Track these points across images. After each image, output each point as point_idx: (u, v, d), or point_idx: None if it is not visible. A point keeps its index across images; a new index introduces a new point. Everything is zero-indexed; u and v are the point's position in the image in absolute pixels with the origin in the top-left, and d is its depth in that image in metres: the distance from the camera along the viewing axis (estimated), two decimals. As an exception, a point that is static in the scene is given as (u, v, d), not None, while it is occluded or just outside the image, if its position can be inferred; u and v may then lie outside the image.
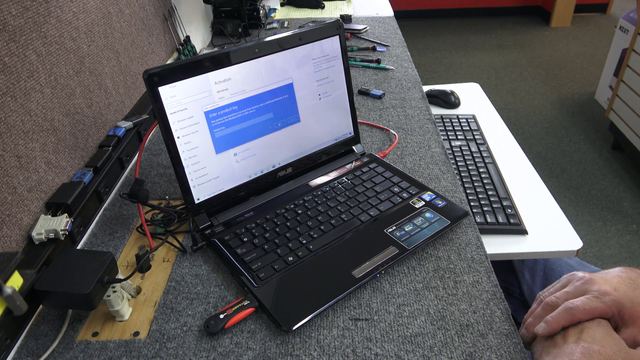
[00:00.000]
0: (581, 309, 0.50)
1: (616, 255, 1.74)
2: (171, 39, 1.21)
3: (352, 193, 0.75)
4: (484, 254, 0.65)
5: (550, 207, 0.92)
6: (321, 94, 0.78)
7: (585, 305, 0.50)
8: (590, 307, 0.50)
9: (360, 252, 0.64)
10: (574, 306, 0.51)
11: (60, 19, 0.73)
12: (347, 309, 0.58)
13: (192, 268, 0.65)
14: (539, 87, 2.95)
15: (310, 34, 0.74)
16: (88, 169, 0.76)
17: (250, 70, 0.69)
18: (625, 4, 4.03)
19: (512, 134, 1.16)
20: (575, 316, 0.50)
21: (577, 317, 0.50)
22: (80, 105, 0.78)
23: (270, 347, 0.54)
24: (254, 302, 0.58)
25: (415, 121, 0.98)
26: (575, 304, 0.51)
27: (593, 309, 0.50)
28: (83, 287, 0.52)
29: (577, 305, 0.51)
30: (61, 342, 0.56)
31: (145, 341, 0.56)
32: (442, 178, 0.81)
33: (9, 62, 0.61)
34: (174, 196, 0.80)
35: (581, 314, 0.50)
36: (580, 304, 0.51)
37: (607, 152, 2.30)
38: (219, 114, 0.68)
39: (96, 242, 0.71)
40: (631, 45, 2.04)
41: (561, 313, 0.51)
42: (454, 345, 0.53)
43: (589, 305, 0.50)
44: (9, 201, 0.60)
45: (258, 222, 0.70)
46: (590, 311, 0.50)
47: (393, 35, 1.45)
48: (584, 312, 0.50)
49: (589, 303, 0.50)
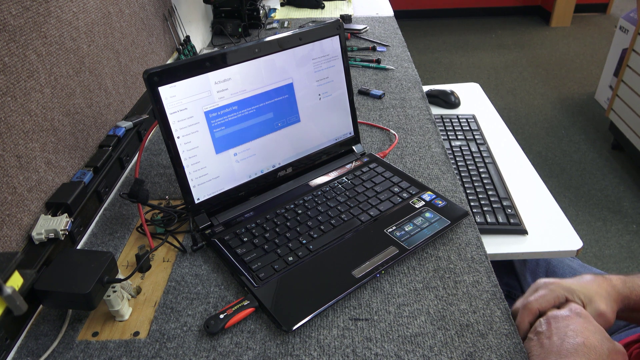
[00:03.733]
0: (534, 301, 0.56)
1: (616, 255, 1.74)
2: (171, 39, 1.21)
3: (352, 193, 0.75)
4: (484, 254, 0.65)
5: (550, 207, 0.92)
6: (321, 94, 0.78)
7: (537, 298, 0.57)
8: (541, 297, 0.57)
9: (360, 252, 0.64)
10: (528, 301, 0.57)
11: (60, 19, 0.73)
12: (347, 309, 0.58)
13: (192, 268, 0.65)
14: (539, 87, 2.95)
15: (310, 34, 0.74)
16: (88, 169, 0.76)
17: (250, 70, 0.69)
18: (625, 4, 4.03)
19: (512, 134, 1.16)
20: (532, 309, 0.56)
21: (534, 309, 0.56)
22: (80, 105, 0.78)
23: (270, 347, 0.54)
24: (254, 302, 0.58)
25: (415, 121, 0.98)
26: (529, 300, 0.57)
27: (544, 298, 0.56)
28: (83, 287, 0.52)
29: (530, 300, 0.57)
30: (61, 342, 0.56)
31: (145, 341, 0.56)
32: (442, 178, 0.81)
33: (9, 62, 0.61)
34: (174, 196, 0.80)
35: (536, 305, 0.56)
36: (533, 299, 0.57)
37: (607, 152, 2.30)
38: (219, 114, 0.68)
39: (96, 242, 0.71)
40: (631, 45, 2.04)
41: (521, 312, 0.57)
42: (454, 345, 0.53)
43: (540, 296, 0.57)
44: (9, 201, 0.60)
45: (258, 222, 0.70)
46: (542, 301, 0.56)
47: (393, 35, 1.45)
48: (538, 303, 0.56)
49: (540, 295, 0.57)
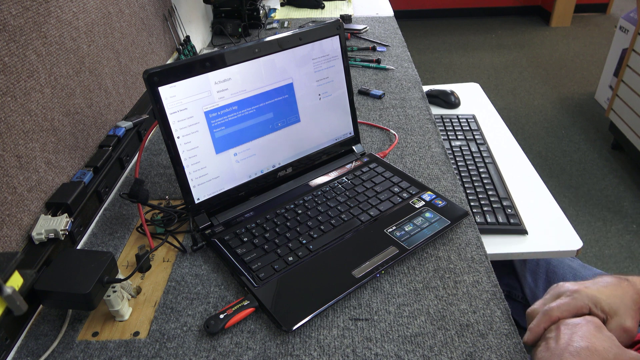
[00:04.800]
0: (555, 309, 0.53)
1: (616, 255, 1.74)
2: (171, 39, 1.21)
3: (352, 193, 0.75)
4: (484, 254, 0.65)
5: (550, 207, 0.92)
6: (321, 94, 0.78)
7: (560, 305, 0.54)
8: (564, 305, 0.54)
9: (360, 252, 0.64)
10: (549, 308, 0.54)
11: (60, 19, 0.73)
12: (347, 309, 0.58)
13: (192, 268, 0.65)
14: (539, 87, 2.95)
15: (310, 34, 0.74)
16: (88, 169, 0.76)
17: (250, 70, 0.69)
18: (625, 4, 4.02)
19: (512, 134, 1.16)
20: (552, 316, 0.53)
21: (554, 317, 0.53)
22: (80, 105, 0.78)
23: (270, 347, 0.54)
24: (254, 302, 0.57)
25: (415, 121, 0.98)
26: (551, 306, 0.54)
27: (567, 306, 0.53)
28: (83, 287, 0.52)
29: (552, 307, 0.54)
30: (61, 342, 0.56)
31: (145, 341, 0.56)
32: (442, 178, 0.81)
33: (9, 62, 0.61)
34: (174, 196, 0.80)
35: (557, 313, 0.53)
36: (555, 305, 0.54)
37: (607, 152, 2.30)
38: (219, 114, 0.68)
39: (96, 242, 0.71)
40: (631, 45, 2.04)
41: (539, 317, 0.54)
42: (454, 345, 0.53)
43: (563, 304, 0.54)
44: (9, 201, 0.60)
45: (258, 222, 0.70)
46: (564, 309, 0.53)
47: (393, 35, 1.45)
48: (560, 311, 0.53)
49: (563, 302, 0.54)
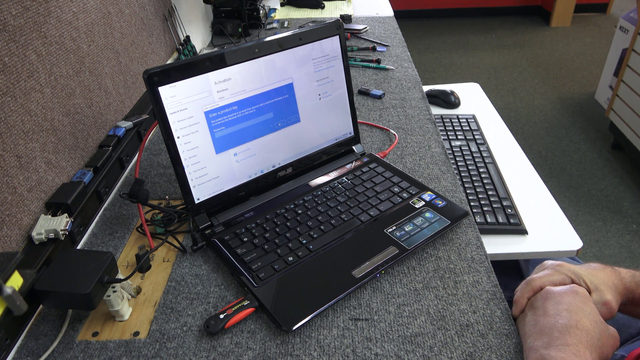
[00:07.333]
0: (537, 279, 0.56)
1: (616, 255, 1.74)
2: (171, 39, 1.21)
3: (352, 193, 0.75)
4: (484, 254, 0.65)
5: (550, 207, 0.92)
6: (321, 94, 0.78)
7: (542, 275, 0.56)
8: (546, 276, 0.56)
9: (360, 252, 0.64)
10: (531, 278, 0.56)
11: (60, 19, 0.73)
12: (347, 309, 0.58)
13: (192, 268, 0.65)
14: (539, 87, 2.95)
15: (310, 34, 0.74)
16: (88, 169, 0.76)
17: (250, 70, 0.69)
18: (625, 4, 4.02)
19: (512, 134, 1.16)
20: (535, 286, 0.55)
21: (536, 286, 0.55)
22: (80, 105, 0.78)
23: (270, 347, 0.54)
24: (254, 302, 0.57)
25: (415, 121, 0.98)
26: (533, 277, 0.57)
27: (549, 277, 0.56)
28: (83, 287, 0.52)
29: (534, 277, 0.56)
30: (61, 342, 0.56)
31: (145, 341, 0.56)
32: (442, 178, 0.81)
33: (9, 62, 0.61)
34: (174, 196, 0.80)
35: (539, 283, 0.55)
36: (537, 276, 0.56)
37: (607, 152, 2.30)
38: (219, 114, 0.68)
39: (96, 242, 0.71)
40: (631, 45, 2.04)
41: (522, 287, 0.57)
42: (454, 345, 0.53)
43: (545, 275, 0.56)
44: (9, 201, 0.60)
45: (258, 222, 0.70)
46: (547, 280, 0.55)
47: (393, 35, 1.45)
48: (542, 281, 0.55)
49: (545, 274, 0.56)
